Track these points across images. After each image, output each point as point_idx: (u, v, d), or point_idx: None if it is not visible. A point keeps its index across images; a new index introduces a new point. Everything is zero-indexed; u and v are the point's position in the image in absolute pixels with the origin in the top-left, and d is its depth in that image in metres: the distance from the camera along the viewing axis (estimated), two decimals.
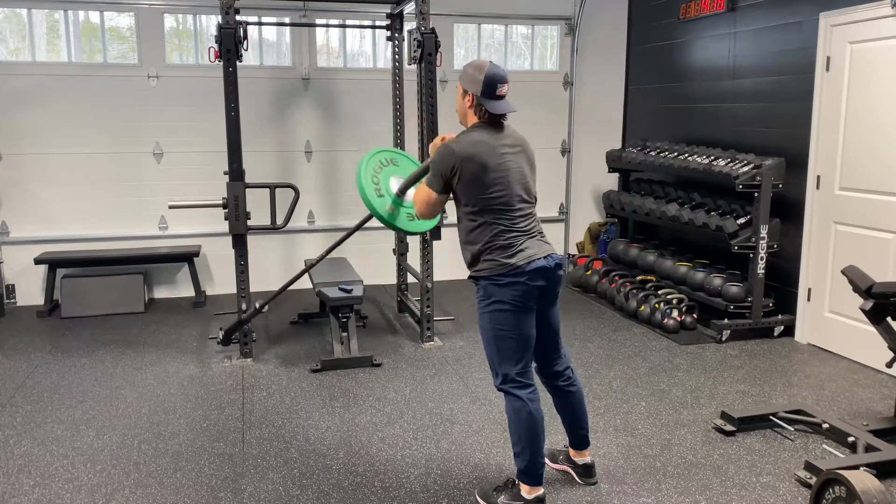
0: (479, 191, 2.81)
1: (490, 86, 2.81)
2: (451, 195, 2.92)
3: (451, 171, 2.80)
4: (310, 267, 4.54)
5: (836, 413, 3.89)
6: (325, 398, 4.13)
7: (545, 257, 2.84)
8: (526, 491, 2.91)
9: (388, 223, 3.31)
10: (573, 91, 7.09)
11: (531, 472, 2.89)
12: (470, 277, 2.94)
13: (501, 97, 2.86)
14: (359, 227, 4.14)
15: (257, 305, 4.47)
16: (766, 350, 4.96)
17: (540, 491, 2.92)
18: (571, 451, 3.21)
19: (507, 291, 2.80)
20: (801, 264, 5.06)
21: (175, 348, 4.99)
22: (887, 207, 4.41)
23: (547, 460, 3.23)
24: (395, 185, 3.36)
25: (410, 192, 3.30)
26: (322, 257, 4.43)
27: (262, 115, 6.33)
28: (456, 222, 2.98)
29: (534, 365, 3.00)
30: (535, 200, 2.97)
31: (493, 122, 2.89)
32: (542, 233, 2.95)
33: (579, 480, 3.18)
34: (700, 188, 5.85)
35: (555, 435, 3.48)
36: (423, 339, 5.07)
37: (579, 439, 3.17)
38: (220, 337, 4.71)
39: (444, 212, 3.71)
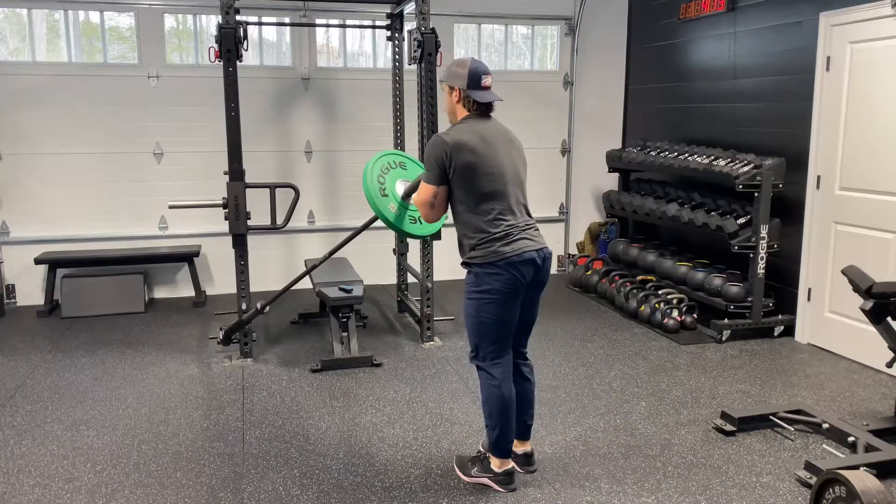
0: (474, 180, 2.88)
1: (475, 78, 2.95)
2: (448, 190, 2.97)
3: (445, 158, 2.87)
4: (313, 268, 4.53)
5: (836, 413, 3.89)
6: (325, 398, 4.13)
7: (537, 250, 2.94)
8: (496, 465, 3.07)
9: (391, 224, 3.32)
10: (573, 91, 7.09)
11: (500, 445, 3.04)
12: (463, 263, 3.01)
13: (487, 88, 2.98)
14: (365, 227, 4.13)
15: (258, 306, 4.46)
16: (766, 350, 4.96)
17: (509, 464, 3.08)
18: (514, 441, 3.24)
19: (497, 280, 2.89)
20: (801, 264, 5.06)
21: (175, 348, 4.99)
22: (887, 207, 4.41)
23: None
24: (400, 188, 3.37)
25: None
26: (325, 258, 4.42)
27: (262, 115, 6.33)
28: (454, 219, 3.04)
29: None
30: (526, 195, 3.05)
31: (482, 113, 3.00)
32: (535, 226, 3.03)
33: (520, 469, 3.19)
34: (700, 188, 5.85)
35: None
36: (423, 339, 5.07)
37: (524, 429, 3.22)
38: (221, 337, 4.71)
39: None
